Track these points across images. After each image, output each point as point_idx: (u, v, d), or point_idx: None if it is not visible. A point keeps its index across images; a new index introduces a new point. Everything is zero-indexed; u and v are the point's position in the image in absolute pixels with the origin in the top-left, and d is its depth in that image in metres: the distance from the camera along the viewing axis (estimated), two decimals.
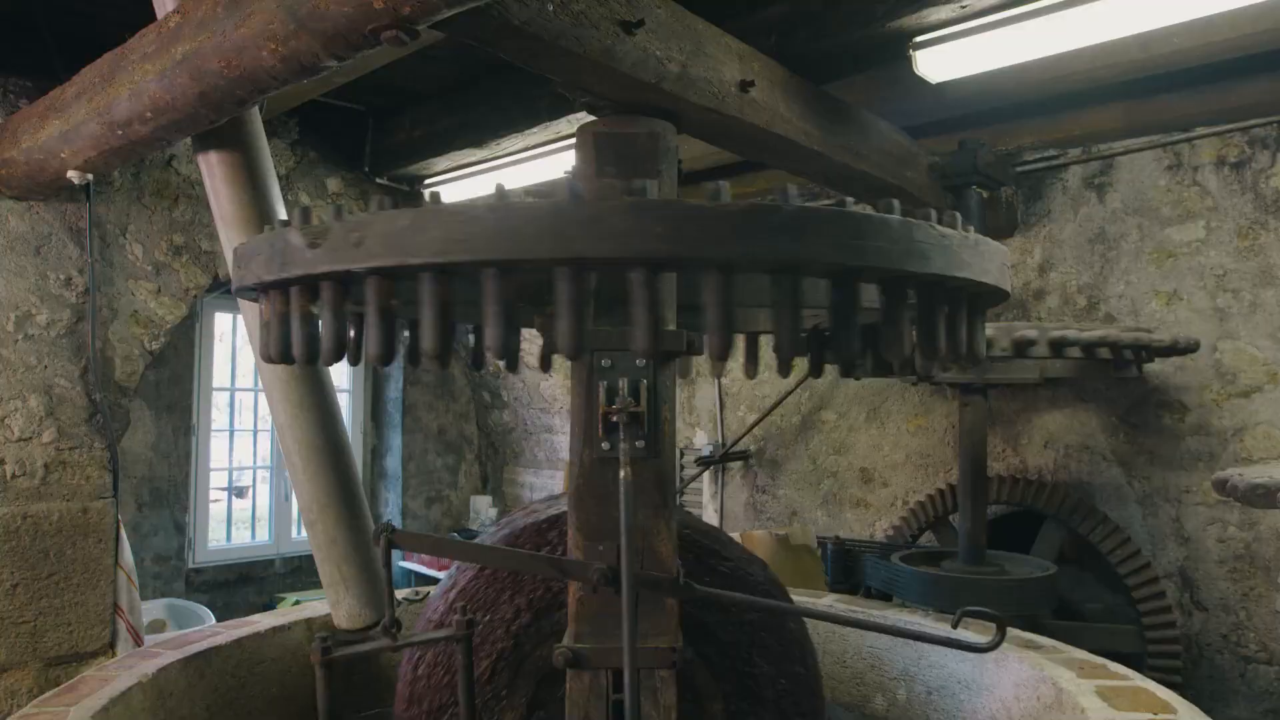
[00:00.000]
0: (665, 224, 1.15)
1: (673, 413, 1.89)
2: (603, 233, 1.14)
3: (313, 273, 1.27)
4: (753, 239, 1.16)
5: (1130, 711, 1.87)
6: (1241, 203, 3.64)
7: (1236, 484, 1.79)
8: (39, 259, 3.65)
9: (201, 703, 2.25)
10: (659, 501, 1.80)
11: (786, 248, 1.18)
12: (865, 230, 1.22)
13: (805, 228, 1.19)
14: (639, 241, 1.14)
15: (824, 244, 1.19)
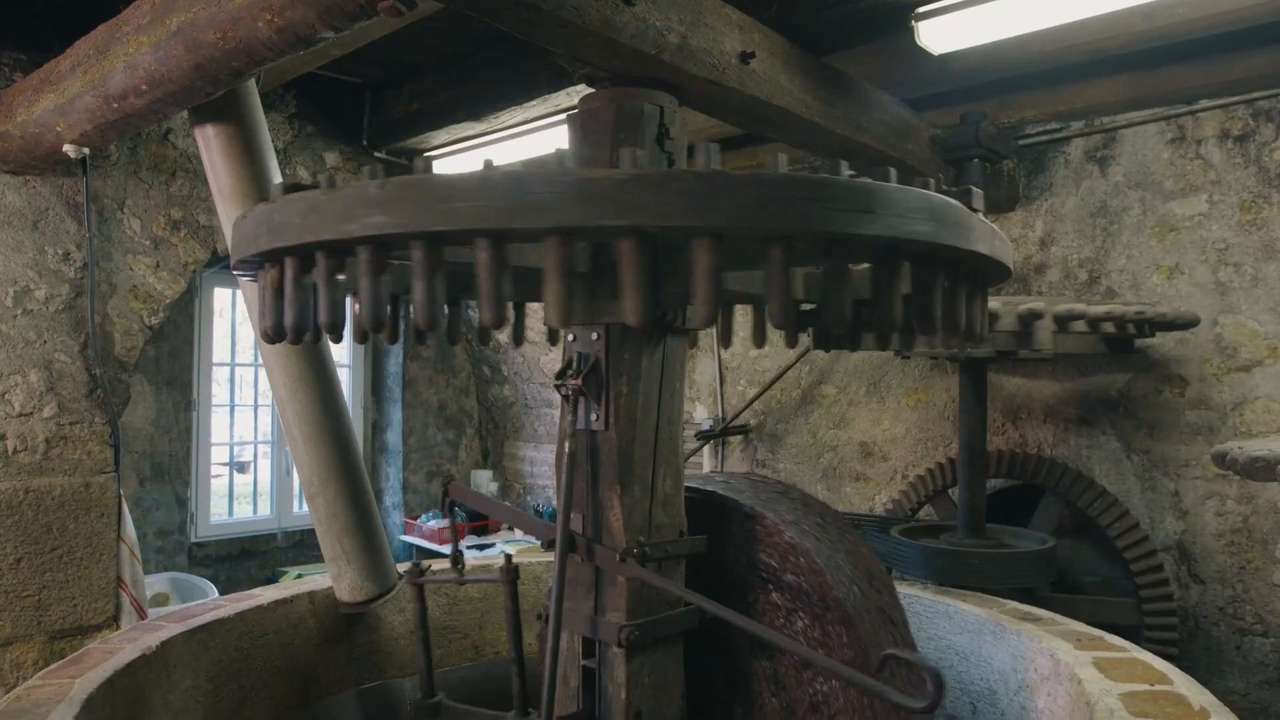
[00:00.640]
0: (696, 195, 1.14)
1: (652, 386, 1.87)
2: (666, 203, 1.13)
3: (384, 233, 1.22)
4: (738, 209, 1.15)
5: (1127, 683, 1.88)
6: (1244, 176, 3.62)
7: (1236, 457, 1.79)
8: (36, 234, 3.64)
9: (205, 674, 2.27)
10: (612, 476, 1.82)
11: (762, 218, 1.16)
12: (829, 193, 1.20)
13: (777, 196, 1.17)
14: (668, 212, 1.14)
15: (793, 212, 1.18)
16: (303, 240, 1.24)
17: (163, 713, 2.07)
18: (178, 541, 5.92)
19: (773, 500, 2.05)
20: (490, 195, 1.14)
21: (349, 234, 1.20)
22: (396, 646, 2.85)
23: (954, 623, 2.50)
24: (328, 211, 1.21)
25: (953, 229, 1.31)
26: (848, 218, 1.19)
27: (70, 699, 1.78)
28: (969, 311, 1.47)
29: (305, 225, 1.23)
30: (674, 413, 1.93)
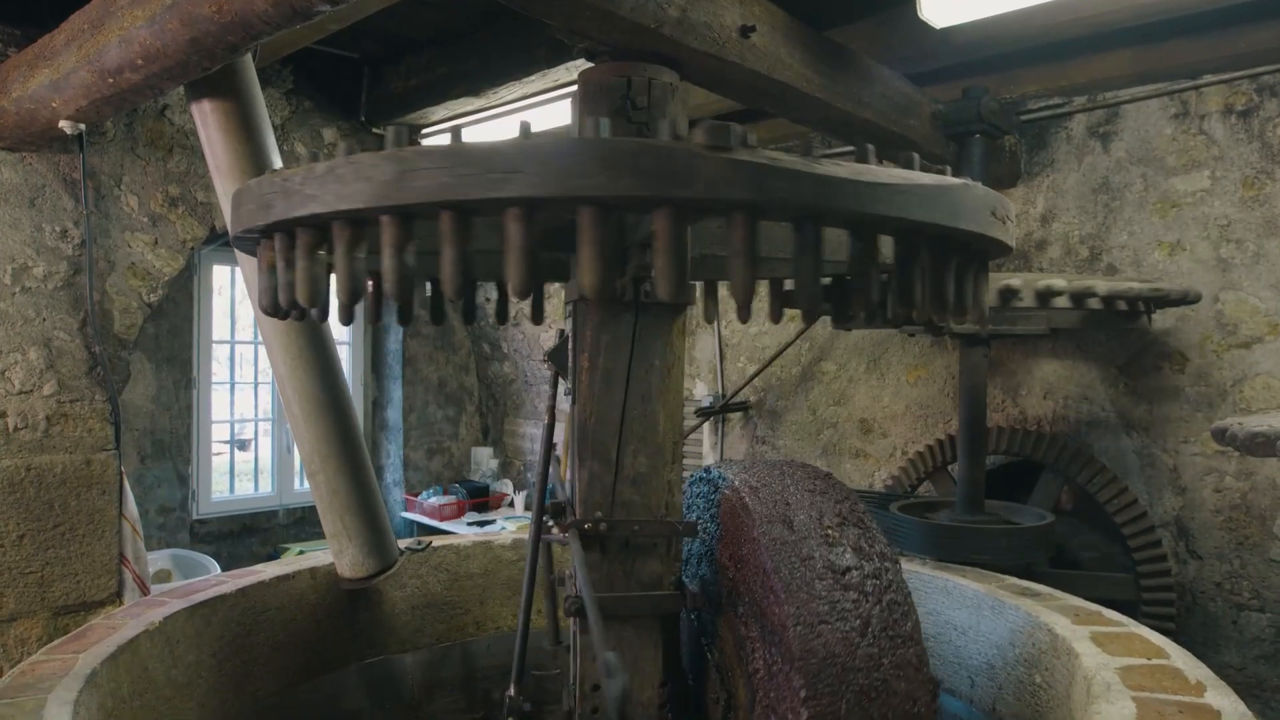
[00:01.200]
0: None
1: (616, 361, 1.85)
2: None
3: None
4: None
5: (1124, 657, 1.89)
6: (1248, 152, 3.60)
7: (1236, 433, 1.79)
8: (34, 211, 3.62)
9: (208, 650, 2.29)
10: (573, 451, 1.85)
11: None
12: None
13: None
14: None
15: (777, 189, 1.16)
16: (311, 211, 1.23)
17: (166, 687, 2.09)
18: (180, 518, 5.94)
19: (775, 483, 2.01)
20: (442, 168, 1.13)
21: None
22: (398, 622, 2.87)
23: (952, 598, 2.52)
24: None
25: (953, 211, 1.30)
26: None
27: (74, 674, 1.80)
28: (975, 290, 1.47)
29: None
30: (651, 389, 1.87)
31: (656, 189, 1.09)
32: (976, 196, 1.35)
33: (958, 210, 1.31)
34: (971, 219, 1.34)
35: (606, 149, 1.10)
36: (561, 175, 1.10)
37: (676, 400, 1.92)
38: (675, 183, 1.10)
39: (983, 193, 1.38)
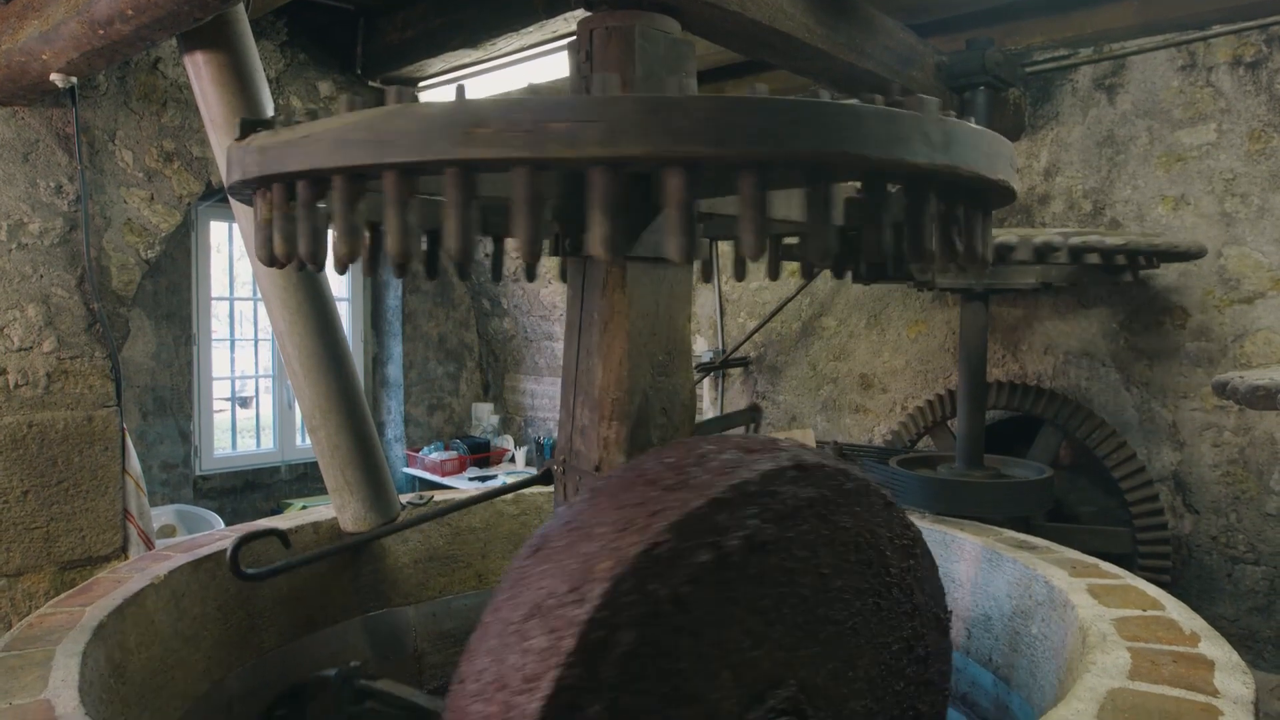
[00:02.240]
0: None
1: (572, 316, 1.86)
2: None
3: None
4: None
5: (1120, 608, 1.91)
6: (1255, 104, 3.55)
7: (1237, 386, 1.79)
8: (28, 166, 3.59)
9: (213, 603, 2.31)
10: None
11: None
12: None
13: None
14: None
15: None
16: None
17: (173, 639, 2.11)
18: (182, 474, 5.98)
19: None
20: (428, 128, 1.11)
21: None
22: (401, 575, 2.90)
23: (951, 551, 2.54)
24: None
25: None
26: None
27: (82, 626, 1.81)
28: (983, 237, 1.45)
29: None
30: (594, 344, 1.82)
31: (667, 146, 1.07)
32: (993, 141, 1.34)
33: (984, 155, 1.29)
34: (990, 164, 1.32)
35: (617, 107, 1.08)
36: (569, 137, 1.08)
37: (617, 355, 1.84)
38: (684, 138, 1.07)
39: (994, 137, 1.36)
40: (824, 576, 1.42)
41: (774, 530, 1.34)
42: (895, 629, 1.51)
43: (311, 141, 1.20)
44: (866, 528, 1.48)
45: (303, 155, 1.22)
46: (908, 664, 1.53)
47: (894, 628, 1.51)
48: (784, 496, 1.36)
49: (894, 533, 1.53)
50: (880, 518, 1.50)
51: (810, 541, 1.40)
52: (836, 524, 1.43)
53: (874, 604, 1.48)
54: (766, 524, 1.33)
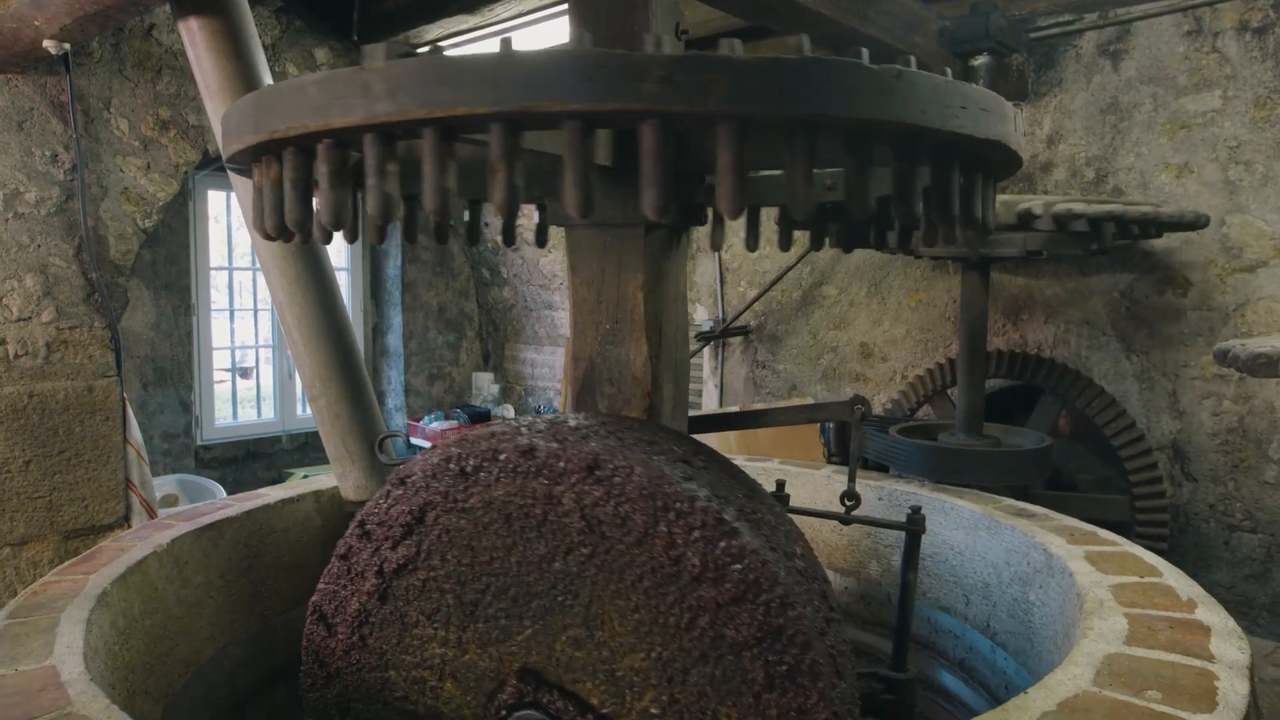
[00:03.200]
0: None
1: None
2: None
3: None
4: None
5: (1118, 575, 1.92)
6: (1261, 70, 3.52)
7: (1238, 354, 1.78)
8: (22, 134, 3.56)
9: (216, 571, 2.32)
10: None
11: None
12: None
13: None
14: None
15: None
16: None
17: (176, 606, 2.13)
18: (184, 444, 6.00)
19: None
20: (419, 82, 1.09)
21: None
22: None
23: (950, 519, 2.55)
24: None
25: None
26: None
27: (85, 594, 1.82)
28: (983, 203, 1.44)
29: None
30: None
31: (634, 101, 1.06)
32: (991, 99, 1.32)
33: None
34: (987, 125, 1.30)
35: (589, 61, 1.06)
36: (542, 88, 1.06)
37: (571, 322, 1.82)
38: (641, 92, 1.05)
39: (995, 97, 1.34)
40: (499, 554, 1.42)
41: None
42: (633, 573, 1.35)
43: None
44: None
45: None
46: (687, 596, 1.31)
47: (631, 572, 1.35)
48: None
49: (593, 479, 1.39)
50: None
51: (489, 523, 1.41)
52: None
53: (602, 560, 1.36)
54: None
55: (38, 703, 1.37)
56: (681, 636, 1.29)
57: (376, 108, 1.09)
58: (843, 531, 2.84)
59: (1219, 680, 1.41)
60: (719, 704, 1.26)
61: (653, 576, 1.29)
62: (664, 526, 1.27)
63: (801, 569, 1.33)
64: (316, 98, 1.14)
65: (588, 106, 1.05)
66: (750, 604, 1.23)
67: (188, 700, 2.09)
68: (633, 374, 1.73)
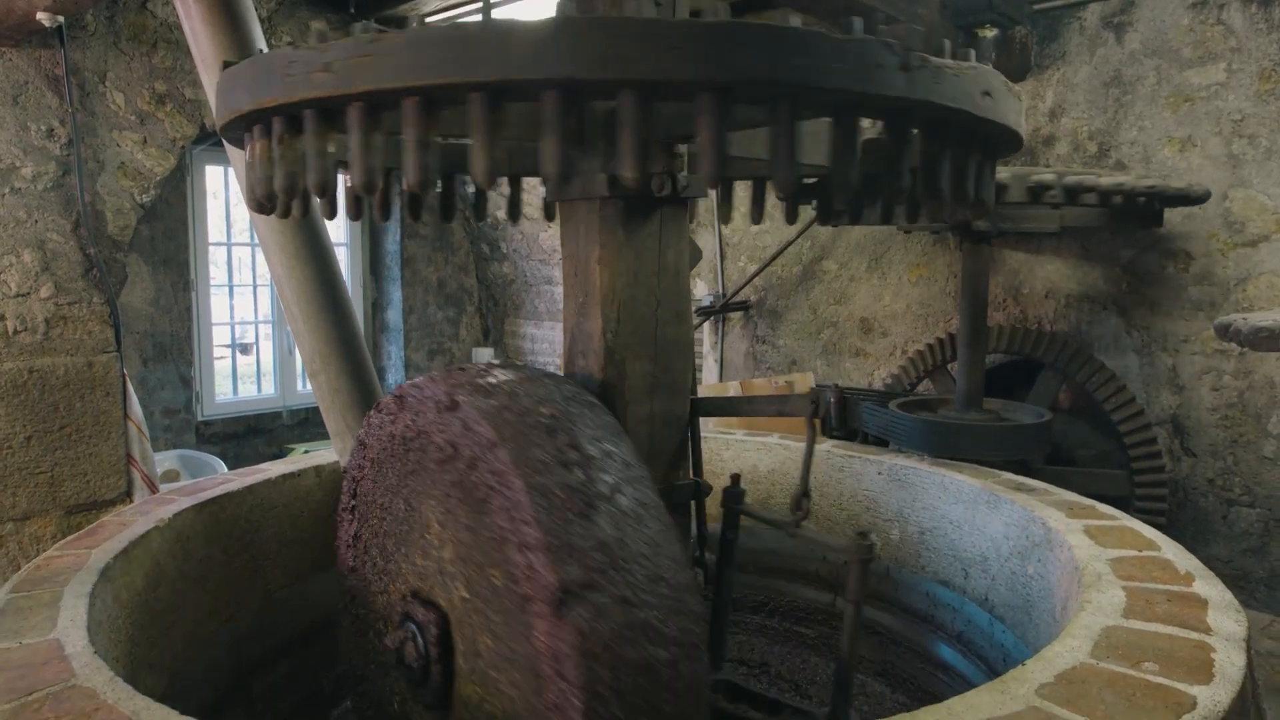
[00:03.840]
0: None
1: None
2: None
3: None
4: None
5: (1116, 549, 1.93)
6: (1266, 43, 3.49)
7: (1240, 327, 1.78)
8: (18, 109, 3.54)
9: (218, 545, 2.33)
10: None
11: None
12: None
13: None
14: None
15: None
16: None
17: (179, 580, 2.14)
18: (185, 420, 6.01)
19: None
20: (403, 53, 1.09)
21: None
22: None
23: (949, 493, 2.55)
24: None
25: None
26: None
27: (88, 568, 1.83)
28: (979, 181, 1.43)
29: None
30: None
31: (615, 70, 1.05)
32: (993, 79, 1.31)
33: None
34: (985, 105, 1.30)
35: (572, 27, 1.05)
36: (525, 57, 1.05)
37: (569, 295, 1.82)
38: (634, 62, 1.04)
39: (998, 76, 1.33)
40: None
41: None
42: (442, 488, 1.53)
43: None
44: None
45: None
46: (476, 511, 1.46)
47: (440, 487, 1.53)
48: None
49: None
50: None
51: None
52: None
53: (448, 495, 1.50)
54: None
55: (42, 675, 1.38)
56: (471, 534, 1.43)
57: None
58: (842, 505, 2.85)
59: (1216, 653, 1.42)
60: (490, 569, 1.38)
61: (456, 490, 1.45)
62: (467, 455, 1.42)
63: (569, 501, 1.34)
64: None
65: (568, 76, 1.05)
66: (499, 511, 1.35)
67: (192, 672, 2.11)
68: (593, 347, 1.74)
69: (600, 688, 1.20)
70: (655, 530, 1.37)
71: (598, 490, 1.35)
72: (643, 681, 1.24)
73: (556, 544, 1.25)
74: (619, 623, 1.24)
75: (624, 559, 1.30)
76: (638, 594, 1.28)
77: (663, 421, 1.80)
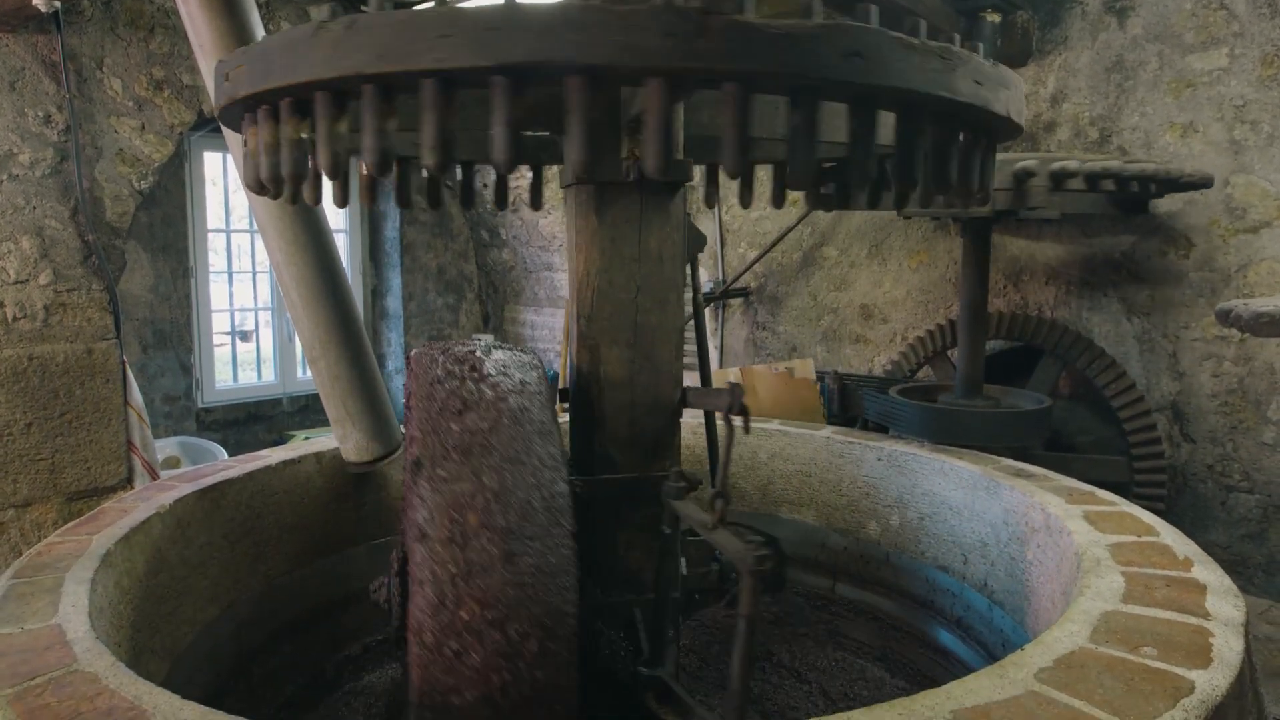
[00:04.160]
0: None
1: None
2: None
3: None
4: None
5: (1115, 534, 1.94)
6: (1269, 28, 3.47)
7: (1241, 313, 1.78)
8: (15, 95, 3.52)
9: (219, 531, 2.34)
10: None
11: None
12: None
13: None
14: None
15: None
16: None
17: (180, 566, 2.14)
18: (185, 407, 6.01)
19: None
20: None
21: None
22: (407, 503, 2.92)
23: (949, 479, 2.56)
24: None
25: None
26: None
27: (89, 553, 1.84)
28: (982, 169, 1.43)
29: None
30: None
31: (642, 58, 1.05)
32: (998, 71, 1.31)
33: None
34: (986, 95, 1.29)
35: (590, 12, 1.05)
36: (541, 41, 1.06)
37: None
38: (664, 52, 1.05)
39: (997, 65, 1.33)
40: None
41: None
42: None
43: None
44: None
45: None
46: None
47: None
48: None
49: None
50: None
51: None
52: None
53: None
54: None
55: (44, 660, 1.38)
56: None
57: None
58: (841, 491, 2.86)
59: (1214, 637, 1.43)
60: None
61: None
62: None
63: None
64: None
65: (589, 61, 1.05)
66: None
67: (194, 657, 2.12)
68: (573, 331, 1.76)
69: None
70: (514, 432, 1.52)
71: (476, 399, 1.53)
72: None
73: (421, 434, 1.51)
74: (461, 490, 1.42)
75: (483, 443, 1.49)
76: (483, 473, 1.44)
77: (646, 409, 1.78)
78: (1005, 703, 1.23)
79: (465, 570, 1.35)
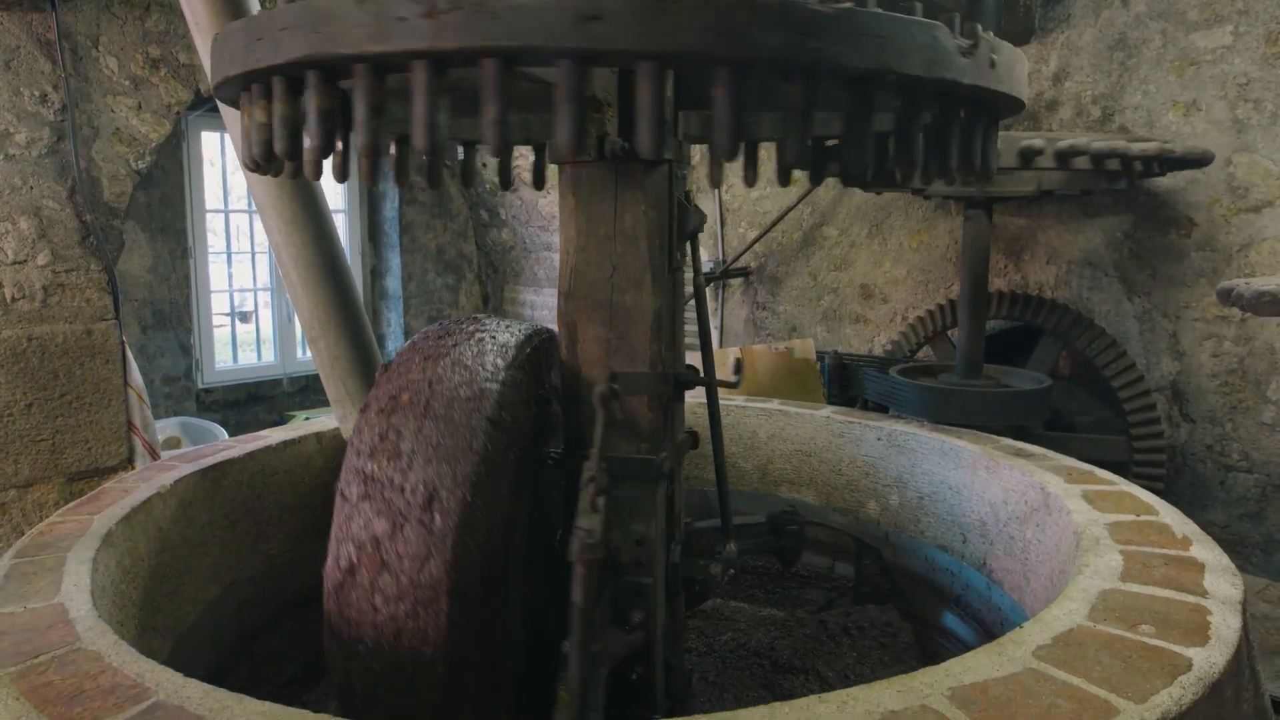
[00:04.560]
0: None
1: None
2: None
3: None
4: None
5: (1114, 513, 1.94)
6: (1274, 5, 3.44)
7: (1242, 292, 1.77)
8: (10, 74, 3.50)
9: (220, 511, 2.34)
10: None
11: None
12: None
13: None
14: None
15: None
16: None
17: (181, 546, 2.15)
18: (185, 387, 6.01)
19: None
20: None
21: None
22: None
23: (948, 459, 2.56)
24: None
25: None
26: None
27: (91, 533, 1.84)
28: (984, 148, 1.42)
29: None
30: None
31: (634, 43, 1.04)
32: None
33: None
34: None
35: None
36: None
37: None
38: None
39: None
40: None
41: None
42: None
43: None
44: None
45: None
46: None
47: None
48: None
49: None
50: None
51: None
52: None
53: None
54: None
55: (47, 639, 1.39)
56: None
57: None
58: (841, 471, 2.86)
59: (1212, 615, 1.43)
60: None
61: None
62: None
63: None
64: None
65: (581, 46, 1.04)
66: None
67: (196, 636, 2.13)
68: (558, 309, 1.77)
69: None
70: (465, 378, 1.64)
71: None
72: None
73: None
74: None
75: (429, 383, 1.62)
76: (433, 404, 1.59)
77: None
78: (1004, 680, 1.23)
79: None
